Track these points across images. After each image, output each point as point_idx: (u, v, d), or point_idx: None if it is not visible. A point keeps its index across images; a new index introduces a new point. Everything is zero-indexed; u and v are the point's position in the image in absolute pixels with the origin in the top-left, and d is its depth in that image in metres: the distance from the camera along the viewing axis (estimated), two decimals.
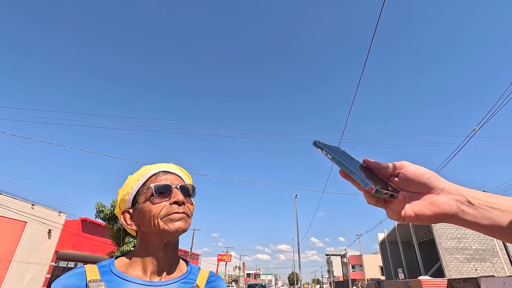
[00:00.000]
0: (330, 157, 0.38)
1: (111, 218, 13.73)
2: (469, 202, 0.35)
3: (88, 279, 0.59)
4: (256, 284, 16.51)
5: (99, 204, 13.77)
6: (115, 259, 0.70)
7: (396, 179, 0.39)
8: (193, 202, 0.77)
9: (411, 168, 0.38)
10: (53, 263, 18.80)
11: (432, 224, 17.29)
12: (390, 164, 0.39)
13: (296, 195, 39.47)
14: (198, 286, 0.69)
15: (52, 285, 0.59)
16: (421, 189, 0.37)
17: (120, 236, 13.44)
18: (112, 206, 13.73)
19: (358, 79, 7.16)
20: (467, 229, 19.46)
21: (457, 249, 17.35)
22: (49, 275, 18.26)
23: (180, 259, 0.77)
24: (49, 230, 18.46)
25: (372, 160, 0.41)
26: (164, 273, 0.69)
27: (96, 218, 13.99)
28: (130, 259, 0.69)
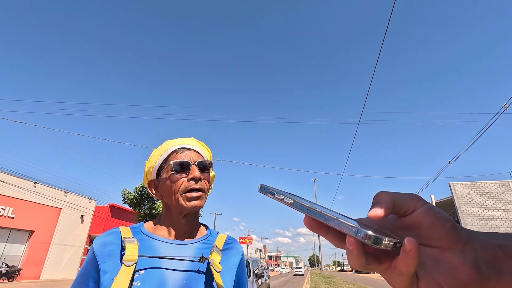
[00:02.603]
0: (290, 201, 0.27)
1: (137, 204, 14.52)
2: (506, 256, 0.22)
3: (122, 237, 0.70)
4: None
5: (124, 191, 14.59)
6: (144, 222, 0.80)
7: (398, 225, 0.25)
8: (213, 173, 0.83)
9: (430, 212, 0.24)
10: (87, 246, 20.29)
11: (457, 205, 16.81)
12: (401, 201, 0.24)
13: (315, 179, 39.63)
14: (216, 246, 0.78)
15: (93, 241, 0.70)
16: (437, 242, 0.23)
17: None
18: (136, 192, 14.49)
19: (376, 58, 6.92)
20: (495, 209, 18.41)
21: (484, 231, 16.72)
22: (85, 257, 19.76)
23: (201, 225, 0.86)
24: (82, 215, 19.82)
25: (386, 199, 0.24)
26: (186, 236, 0.78)
27: (123, 203, 14.86)
28: (156, 223, 0.79)
